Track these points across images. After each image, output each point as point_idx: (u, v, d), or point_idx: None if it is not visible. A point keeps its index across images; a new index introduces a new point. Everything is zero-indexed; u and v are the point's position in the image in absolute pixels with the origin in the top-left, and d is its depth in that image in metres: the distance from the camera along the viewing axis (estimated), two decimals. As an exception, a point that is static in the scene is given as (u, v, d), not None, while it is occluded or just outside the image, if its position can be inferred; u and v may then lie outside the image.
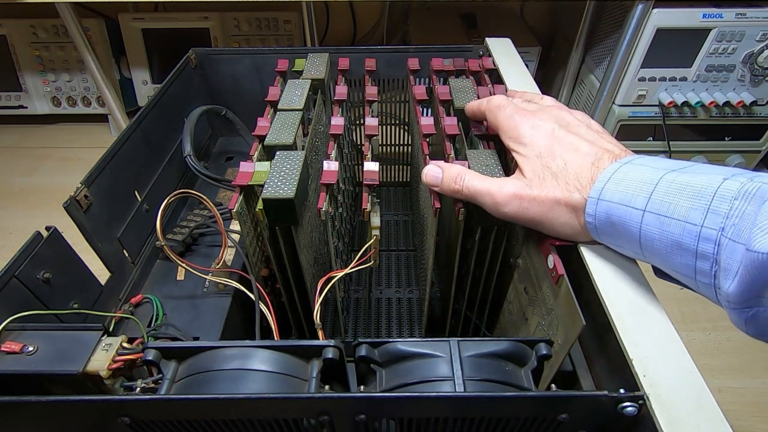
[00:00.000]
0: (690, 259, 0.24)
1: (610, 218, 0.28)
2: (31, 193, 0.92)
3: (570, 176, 0.30)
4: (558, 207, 0.30)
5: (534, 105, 0.36)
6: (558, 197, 0.30)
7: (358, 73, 0.56)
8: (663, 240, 0.25)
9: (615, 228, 0.28)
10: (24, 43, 1.00)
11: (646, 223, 0.26)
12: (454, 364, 0.28)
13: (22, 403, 0.25)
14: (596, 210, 0.28)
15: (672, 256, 0.25)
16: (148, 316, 0.43)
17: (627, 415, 0.24)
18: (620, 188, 0.27)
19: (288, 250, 0.37)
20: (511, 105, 0.35)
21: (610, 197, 0.27)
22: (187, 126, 0.54)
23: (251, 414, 0.25)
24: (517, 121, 0.34)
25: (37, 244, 0.36)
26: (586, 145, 0.31)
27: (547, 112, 0.34)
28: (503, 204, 0.31)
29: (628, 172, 0.28)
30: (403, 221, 0.66)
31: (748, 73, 0.80)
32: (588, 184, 0.29)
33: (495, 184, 0.32)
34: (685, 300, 0.67)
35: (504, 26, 1.04)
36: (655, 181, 0.26)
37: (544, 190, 0.30)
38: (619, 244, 0.29)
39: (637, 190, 0.26)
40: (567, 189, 0.30)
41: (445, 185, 0.34)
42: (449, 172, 0.34)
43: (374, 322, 0.53)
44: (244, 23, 1.00)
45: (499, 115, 0.35)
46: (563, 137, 0.32)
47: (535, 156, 0.32)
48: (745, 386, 0.62)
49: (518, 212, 0.31)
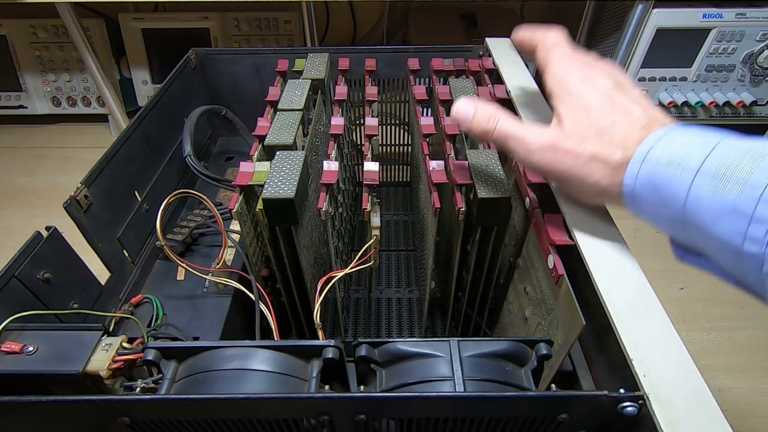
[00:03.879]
0: (742, 225, 0.22)
1: (654, 181, 0.26)
2: (31, 193, 0.92)
3: (616, 135, 0.28)
4: (594, 163, 0.28)
5: (588, 57, 0.34)
6: (597, 153, 0.28)
7: (358, 73, 0.56)
8: (713, 204, 0.23)
9: (657, 192, 0.26)
10: (24, 43, 1.00)
11: (696, 186, 0.24)
12: (454, 364, 0.28)
13: (22, 403, 0.25)
14: (639, 171, 0.26)
15: (719, 221, 0.23)
16: (148, 316, 0.43)
17: (627, 415, 0.24)
18: (670, 149, 0.25)
19: (288, 250, 0.37)
20: (568, 48, 0.33)
21: (657, 158, 0.26)
22: (187, 126, 0.54)
23: (251, 414, 0.25)
24: (570, 66, 0.31)
25: (37, 244, 0.36)
26: (638, 109, 0.29)
27: (602, 67, 0.32)
28: (536, 152, 0.29)
29: (681, 134, 0.26)
30: (403, 221, 0.66)
31: (748, 73, 0.80)
32: (634, 144, 0.27)
33: (531, 131, 0.30)
34: (685, 300, 0.67)
35: (504, 26, 1.03)
36: (712, 144, 0.24)
37: (583, 144, 0.28)
38: (656, 212, 0.27)
39: (690, 151, 0.25)
40: (610, 147, 0.28)
41: (476, 124, 0.32)
42: (483, 110, 0.31)
43: (374, 322, 0.53)
44: (244, 23, 1.00)
45: (553, 55, 0.33)
46: (616, 97, 0.30)
47: (581, 109, 0.30)
48: (745, 386, 0.62)
49: (548, 163, 0.29)
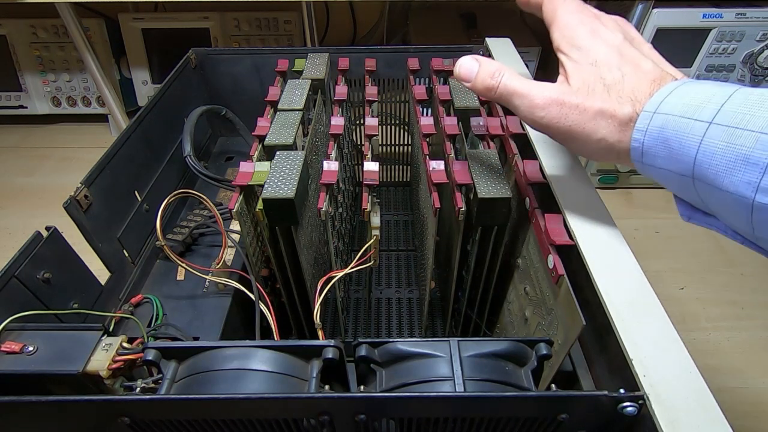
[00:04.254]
0: (755, 175, 0.22)
1: (664, 133, 0.25)
2: (31, 193, 0.92)
3: (625, 89, 0.27)
4: (601, 118, 0.27)
5: (598, 11, 0.33)
6: (605, 108, 0.27)
7: (358, 73, 0.56)
8: (726, 154, 0.23)
9: (667, 145, 0.25)
10: (24, 43, 1.00)
11: (709, 137, 0.23)
12: (454, 364, 0.28)
13: (22, 403, 0.25)
14: (649, 125, 0.26)
15: (732, 172, 0.23)
16: (148, 316, 0.43)
17: (627, 415, 0.24)
18: (683, 101, 0.25)
19: (288, 250, 0.37)
20: (577, 1, 0.32)
21: (669, 110, 0.25)
22: (187, 126, 0.54)
23: (251, 414, 0.25)
24: (578, 20, 0.31)
25: (37, 244, 0.36)
26: (649, 63, 0.28)
27: (613, 21, 0.31)
28: (540, 107, 0.29)
29: (694, 87, 0.25)
30: (403, 221, 0.66)
31: (748, 73, 0.80)
32: (644, 98, 0.26)
33: (536, 86, 0.29)
34: (685, 300, 0.67)
35: (504, 26, 1.04)
36: (728, 93, 0.24)
37: (590, 99, 0.28)
38: (665, 168, 0.26)
39: (704, 101, 0.24)
40: (618, 101, 0.27)
41: (480, 80, 0.31)
42: (487, 66, 0.31)
43: (374, 322, 0.53)
44: (244, 23, 1.00)
45: (560, 8, 0.32)
46: (626, 50, 0.29)
47: (588, 63, 0.29)
48: (745, 386, 0.62)
49: (553, 119, 0.29)
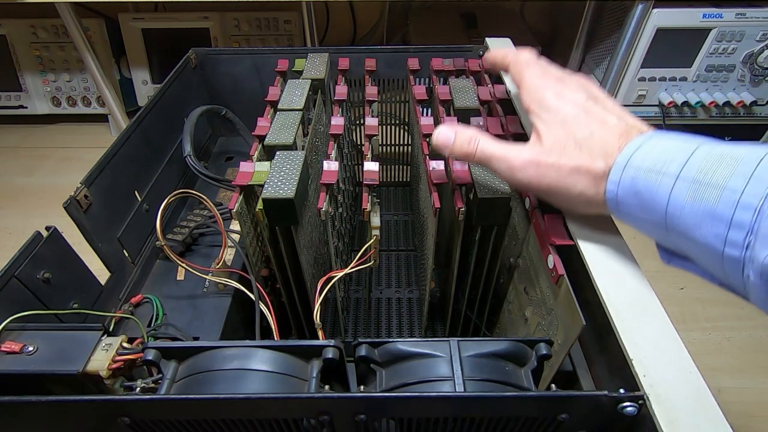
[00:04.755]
0: (722, 229, 0.23)
1: (636, 186, 0.26)
2: (31, 193, 0.92)
3: (595, 145, 0.28)
4: (577, 174, 0.29)
5: (561, 72, 0.34)
6: (579, 165, 0.28)
7: (358, 73, 0.56)
8: (694, 208, 0.24)
9: (640, 197, 0.26)
10: (24, 43, 1.00)
11: (677, 191, 0.24)
12: (454, 364, 0.28)
13: (22, 403, 0.25)
14: (621, 177, 0.27)
15: (700, 226, 0.24)
16: (148, 316, 0.43)
17: (627, 415, 0.24)
18: (651, 155, 0.26)
19: (288, 250, 0.37)
20: (540, 66, 0.34)
21: (639, 164, 0.26)
22: (187, 126, 0.54)
23: (251, 414, 0.25)
24: (544, 84, 0.32)
25: (37, 244, 0.36)
26: (614, 118, 0.30)
27: (575, 81, 0.33)
28: (519, 169, 0.30)
29: (661, 141, 0.26)
30: (403, 221, 0.66)
31: (748, 73, 0.80)
32: (614, 152, 0.28)
33: (512, 149, 0.31)
34: (685, 300, 0.67)
35: (504, 26, 1.04)
36: (691, 149, 0.25)
37: (564, 157, 0.29)
38: (640, 217, 0.27)
39: (671, 156, 0.25)
40: (590, 157, 0.28)
41: (457, 148, 0.32)
42: (462, 134, 0.32)
43: (374, 322, 0.53)
44: (244, 23, 1.00)
45: (526, 73, 0.34)
46: (591, 108, 0.30)
47: (558, 123, 0.30)
48: (745, 386, 0.62)
49: (533, 179, 0.30)
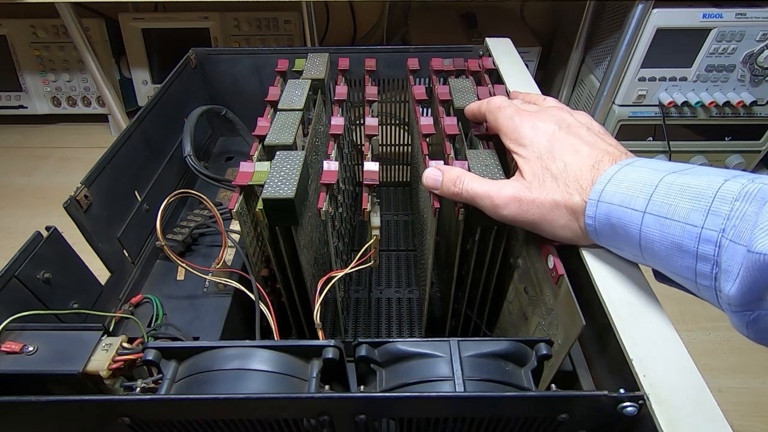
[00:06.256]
0: (690, 261, 0.24)
1: (610, 220, 0.27)
2: (31, 193, 0.92)
3: (570, 178, 0.30)
4: (557, 209, 0.30)
5: (534, 106, 0.36)
6: (557, 200, 0.30)
7: (358, 73, 0.56)
8: (663, 242, 0.25)
9: (615, 230, 0.28)
10: (24, 43, 1.00)
11: (646, 225, 0.26)
12: (454, 364, 0.28)
13: (22, 403, 0.25)
14: (596, 212, 0.28)
15: (672, 258, 0.25)
16: (148, 316, 0.43)
17: (627, 415, 0.24)
18: (620, 190, 0.27)
19: (288, 250, 0.37)
20: (512, 106, 0.35)
21: (610, 199, 0.27)
22: (187, 126, 0.54)
23: (251, 414, 0.25)
24: (517, 122, 0.34)
25: (37, 244, 0.36)
26: (586, 147, 0.31)
27: (548, 113, 0.34)
28: (502, 206, 0.31)
29: (628, 174, 0.27)
30: (403, 221, 0.66)
31: (748, 73, 0.80)
32: (588, 186, 0.29)
33: (494, 187, 0.32)
34: (685, 300, 0.66)
35: (504, 26, 1.04)
36: (654, 182, 0.26)
37: (544, 192, 0.30)
38: (620, 247, 0.29)
39: (637, 191, 0.26)
40: (567, 191, 0.29)
41: (445, 188, 0.34)
42: (449, 174, 0.34)
43: (374, 322, 0.53)
44: (244, 23, 1.00)
45: (500, 116, 0.35)
46: (563, 139, 0.31)
47: (535, 158, 0.31)
48: (745, 386, 0.62)
49: (517, 215, 0.31)
